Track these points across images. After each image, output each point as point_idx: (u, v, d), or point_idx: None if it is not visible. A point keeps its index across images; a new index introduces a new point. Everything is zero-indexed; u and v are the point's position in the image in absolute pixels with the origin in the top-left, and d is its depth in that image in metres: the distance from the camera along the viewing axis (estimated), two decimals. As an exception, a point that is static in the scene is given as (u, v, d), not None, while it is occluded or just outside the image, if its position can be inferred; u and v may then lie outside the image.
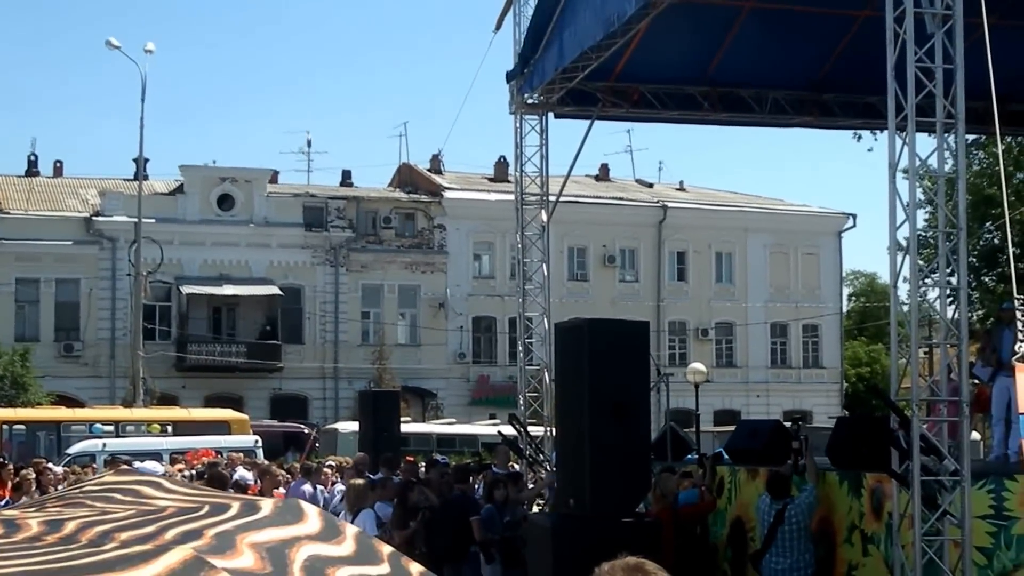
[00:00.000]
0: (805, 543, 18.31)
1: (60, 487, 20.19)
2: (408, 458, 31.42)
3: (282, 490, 25.72)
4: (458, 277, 77.59)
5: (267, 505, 4.37)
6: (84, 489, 4.79)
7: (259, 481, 25.49)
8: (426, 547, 21.06)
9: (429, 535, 21.60)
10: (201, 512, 4.22)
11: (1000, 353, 22.03)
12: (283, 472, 29.82)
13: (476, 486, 24.06)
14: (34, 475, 25.05)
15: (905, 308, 16.89)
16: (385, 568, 4.32)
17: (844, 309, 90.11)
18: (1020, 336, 9.06)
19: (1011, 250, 13.88)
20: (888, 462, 16.32)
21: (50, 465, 30.45)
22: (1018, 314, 11.22)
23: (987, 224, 46.17)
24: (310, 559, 4.00)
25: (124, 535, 3.83)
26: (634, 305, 71.70)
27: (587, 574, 4.68)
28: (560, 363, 16.97)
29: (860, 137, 36.36)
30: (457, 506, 21.36)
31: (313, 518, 4.39)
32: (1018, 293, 11.44)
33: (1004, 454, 21.05)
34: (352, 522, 20.10)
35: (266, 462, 34.53)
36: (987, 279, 47.55)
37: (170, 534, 3.84)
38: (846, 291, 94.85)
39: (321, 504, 23.60)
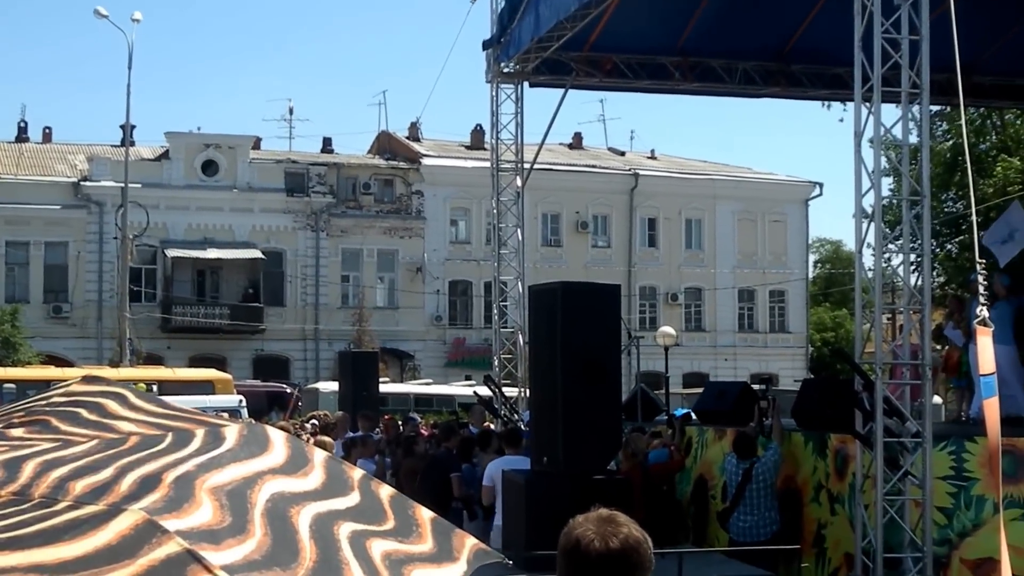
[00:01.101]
0: (771, 501, 18.30)
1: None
2: (386, 417, 31.43)
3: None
4: (435, 242, 77.60)
5: (232, 434, 4.16)
6: (51, 400, 4.55)
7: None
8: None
9: (414, 490, 21.70)
10: (163, 445, 4.00)
11: (969, 323, 22.03)
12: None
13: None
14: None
15: (869, 274, 16.88)
16: (355, 498, 4.14)
17: (810, 275, 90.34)
18: (982, 301, 8.99)
19: (975, 219, 13.75)
20: (852, 423, 16.30)
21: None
22: (980, 278, 11.13)
23: (949, 193, 46.16)
24: (273, 499, 3.80)
25: (80, 485, 3.64)
26: (606, 270, 71.52)
27: (560, 528, 4.67)
28: (534, 325, 16.92)
29: (829, 107, 36.24)
30: (443, 462, 21.37)
31: (279, 447, 4.16)
32: (979, 259, 11.39)
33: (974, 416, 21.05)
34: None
35: (252, 421, 34.43)
36: (950, 246, 47.54)
37: (127, 482, 3.65)
38: (812, 258, 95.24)
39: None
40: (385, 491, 4.32)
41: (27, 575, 3.19)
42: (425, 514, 4.34)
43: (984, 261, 13.35)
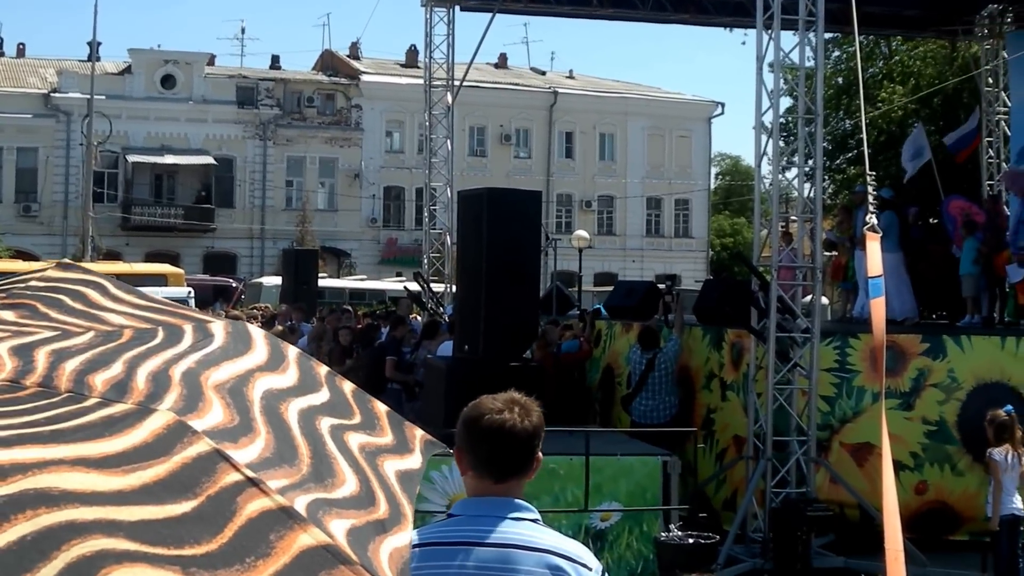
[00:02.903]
0: (671, 387, 18.39)
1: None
2: (321, 310, 31.47)
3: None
4: (372, 151, 77.35)
5: (218, 330, 3.98)
6: (30, 284, 4.38)
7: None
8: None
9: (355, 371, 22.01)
10: (158, 340, 3.88)
11: (854, 231, 22.14)
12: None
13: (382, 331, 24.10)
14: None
15: (767, 186, 16.82)
16: (326, 393, 4.04)
17: (712, 186, 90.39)
18: (871, 211, 8.98)
19: (864, 136, 13.72)
20: (748, 320, 16.34)
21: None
22: (870, 190, 11.12)
23: (840, 113, 46.19)
24: (265, 396, 3.69)
25: (97, 380, 3.52)
26: (526, 179, 71.29)
27: None
28: (461, 227, 16.82)
29: (732, 30, 36.14)
30: (381, 349, 21.71)
31: (260, 345, 4.05)
32: (868, 171, 11.38)
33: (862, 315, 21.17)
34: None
35: (197, 309, 34.48)
36: (840, 162, 47.62)
37: (140, 381, 3.53)
38: (714, 170, 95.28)
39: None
40: (347, 386, 4.25)
41: (73, 467, 3.00)
42: (380, 407, 4.28)
43: (873, 174, 13.33)
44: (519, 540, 4.49)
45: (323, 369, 4.33)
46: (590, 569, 4.49)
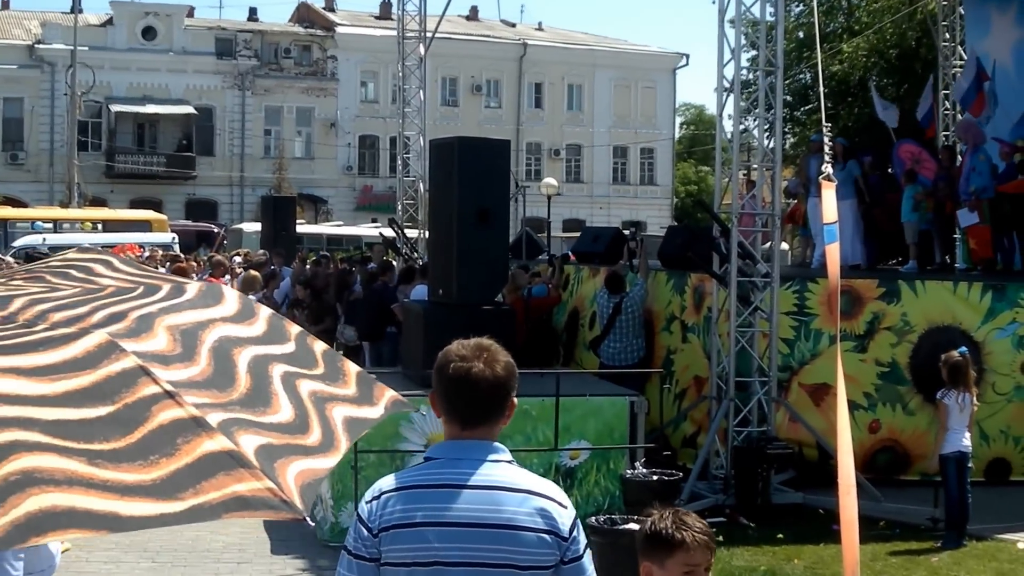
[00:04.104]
0: (638, 330, 18.41)
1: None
2: (300, 253, 31.44)
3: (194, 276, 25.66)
4: (347, 101, 77.66)
5: (193, 289, 4.31)
6: (50, 264, 4.85)
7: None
8: (354, 328, 22.08)
9: (354, 317, 22.27)
10: (135, 293, 4.17)
11: (809, 178, 22.16)
12: (195, 264, 30.31)
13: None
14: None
15: (728, 136, 16.81)
16: (291, 347, 4.23)
17: (676, 135, 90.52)
18: (827, 159, 8.99)
19: (821, 88, 13.69)
20: (711, 264, 16.34)
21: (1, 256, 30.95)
22: (826, 139, 11.10)
23: (801, 66, 46.18)
24: (220, 339, 3.92)
25: (58, 315, 3.84)
26: (497, 128, 71.24)
27: None
28: (433, 175, 16.72)
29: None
30: (378, 294, 21.66)
31: (231, 301, 4.27)
32: (824, 121, 11.35)
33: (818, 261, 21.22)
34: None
35: (181, 255, 34.65)
36: (799, 113, 47.64)
37: (97, 316, 3.84)
38: (678, 120, 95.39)
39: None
40: (319, 346, 4.50)
41: (5, 374, 3.38)
42: (352, 367, 4.48)
43: (829, 124, 13.32)
44: (501, 482, 4.48)
45: (295, 329, 4.46)
46: (567, 508, 4.50)
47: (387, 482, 4.58)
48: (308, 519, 3.42)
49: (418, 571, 4.42)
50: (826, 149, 10.88)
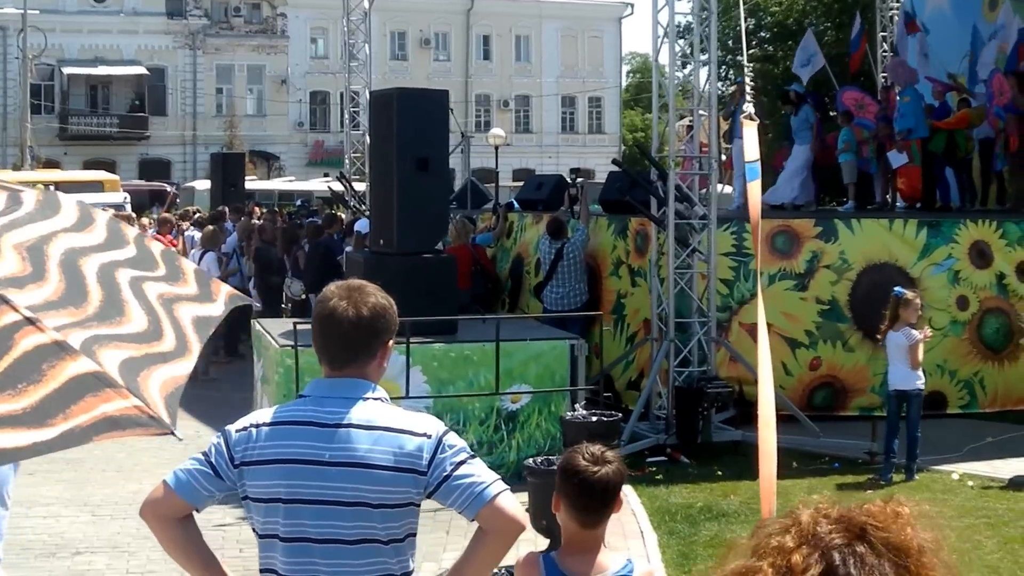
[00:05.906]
0: (580, 275, 18.36)
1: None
2: (253, 208, 31.38)
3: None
4: (297, 57, 77.55)
5: (30, 198, 4.24)
6: None
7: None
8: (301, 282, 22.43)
9: (300, 271, 22.60)
10: None
11: (734, 120, 22.17)
12: (145, 222, 30.27)
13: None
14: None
15: (666, 81, 16.74)
16: (132, 250, 4.27)
17: (623, 84, 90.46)
18: (748, 100, 8.98)
19: (743, 29, 13.69)
20: (649, 208, 16.32)
21: None
22: (747, 80, 11.11)
23: (736, 10, 46.13)
24: (66, 252, 3.89)
25: None
26: (446, 80, 70.97)
27: (392, 298, 4.72)
28: (374, 126, 16.60)
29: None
30: (324, 247, 22.15)
31: (70, 210, 4.30)
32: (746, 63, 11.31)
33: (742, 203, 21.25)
34: (199, 261, 20.44)
35: (133, 214, 34.52)
36: (740, 58, 47.67)
37: None
38: (625, 69, 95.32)
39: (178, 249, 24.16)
40: (156, 246, 4.49)
41: None
42: (188, 265, 4.52)
43: (751, 65, 13.34)
44: (361, 420, 4.46)
45: (133, 232, 4.47)
46: (429, 437, 4.44)
47: (264, 415, 4.59)
48: (175, 434, 3.43)
49: (277, 507, 4.44)
50: (747, 90, 10.87)
